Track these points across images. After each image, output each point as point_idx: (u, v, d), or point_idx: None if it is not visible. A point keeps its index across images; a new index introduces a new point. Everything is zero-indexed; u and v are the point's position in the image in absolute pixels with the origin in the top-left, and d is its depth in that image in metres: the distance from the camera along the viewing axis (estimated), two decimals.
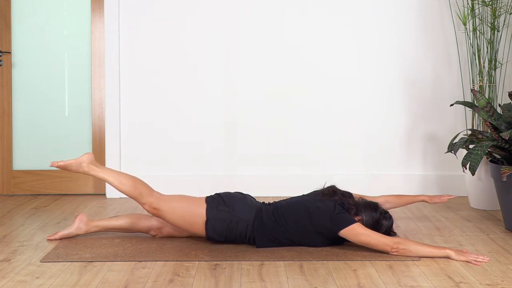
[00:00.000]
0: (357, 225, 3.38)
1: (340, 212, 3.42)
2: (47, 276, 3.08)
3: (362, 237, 3.36)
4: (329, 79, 5.03)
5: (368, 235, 3.36)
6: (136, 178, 3.61)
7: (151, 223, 3.73)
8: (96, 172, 3.57)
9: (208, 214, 3.49)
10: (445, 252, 3.33)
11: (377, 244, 3.35)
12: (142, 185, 3.56)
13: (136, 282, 2.99)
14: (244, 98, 5.03)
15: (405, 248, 3.32)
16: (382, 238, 3.36)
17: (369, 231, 3.37)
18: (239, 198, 3.59)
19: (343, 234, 3.40)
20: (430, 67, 5.03)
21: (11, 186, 5.10)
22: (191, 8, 5.00)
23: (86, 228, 3.73)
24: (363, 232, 3.36)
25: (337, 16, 5.01)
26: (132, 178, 3.58)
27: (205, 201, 3.55)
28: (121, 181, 3.55)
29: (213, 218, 3.48)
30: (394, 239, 3.38)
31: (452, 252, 3.32)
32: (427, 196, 4.02)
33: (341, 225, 3.39)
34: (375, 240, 3.35)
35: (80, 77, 5.08)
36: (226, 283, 2.99)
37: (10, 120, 5.07)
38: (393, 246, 3.33)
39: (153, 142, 5.04)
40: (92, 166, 3.58)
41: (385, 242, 3.35)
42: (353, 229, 3.37)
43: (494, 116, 4.11)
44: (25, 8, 5.05)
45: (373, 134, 5.06)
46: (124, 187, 3.55)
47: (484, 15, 4.69)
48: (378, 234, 3.38)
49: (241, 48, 5.01)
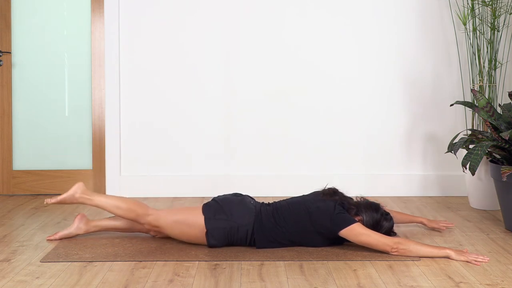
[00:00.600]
0: (357, 225, 3.38)
1: (340, 212, 3.42)
2: (47, 276, 3.08)
3: (362, 237, 3.36)
4: (329, 79, 5.03)
5: (368, 235, 3.36)
6: (130, 200, 3.59)
7: None
8: (89, 201, 3.56)
9: (207, 226, 3.46)
10: (445, 252, 3.33)
11: (377, 244, 3.35)
12: (137, 206, 3.54)
13: (136, 282, 2.99)
14: (244, 98, 5.03)
15: (405, 248, 3.33)
16: (382, 238, 3.36)
17: (369, 231, 3.37)
18: (237, 202, 3.54)
19: (343, 234, 3.40)
20: (430, 67, 5.03)
21: (11, 186, 5.10)
22: (191, 8, 5.00)
23: (86, 228, 3.73)
24: (363, 232, 3.36)
25: (337, 16, 5.01)
26: (126, 201, 3.56)
27: (202, 211, 3.50)
28: (115, 205, 3.53)
29: (212, 228, 3.46)
30: (394, 239, 3.38)
31: (452, 252, 3.32)
32: (426, 219, 3.96)
33: (341, 225, 3.39)
34: (375, 240, 3.35)
35: (80, 77, 5.09)
36: (226, 283, 2.99)
37: (10, 120, 5.07)
38: (393, 246, 3.33)
39: (153, 142, 5.03)
40: (85, 196, 3.56)
41: (385, 242, 3.35)
42: (353, 229, 3.37)
43: (494, 116, 4.11)
44: (25, 8, 5.05)
45: (373, 134, 5.06)
46: (119, 211, 3.53)
47: (484, 15, 4.69)
48: (378, 234, 3.38)
49: (241, 48, 5.01)
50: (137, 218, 3.53)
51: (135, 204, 3.55)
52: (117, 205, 3.53)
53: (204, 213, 3.49)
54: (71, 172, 5.09)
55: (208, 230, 3.46)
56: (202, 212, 3.49)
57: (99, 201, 3.56)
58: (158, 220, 3.51)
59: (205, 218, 3.47)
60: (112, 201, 3.55)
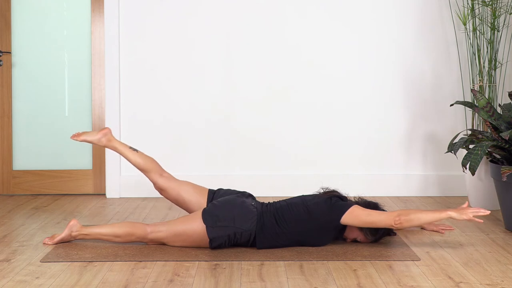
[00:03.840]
0: (355, 207, 3.40)
1: (337, 201, 3.45)
2: (47, 276, 3.08)
3: (363, 218, 3.37)
4: (329, 78, 5.03)
5: (369, 214, 3.37)
6: (125, 224, 3.56)
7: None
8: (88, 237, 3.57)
9: (209, 235, 3.43)
10: (446, 214, 3.33)
11: (379, 220, 3.35)
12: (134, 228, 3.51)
13: (136, 282, 2.99)
14: (245, 98, 5.03)
15: (407, 217, 3.33)
16: (384, 214, 3.37)
17: (369, 211, 3.38)
18: (238, 204, 3.50)
19: (345, 220, 3.40)
20: (430, 67, 5.03)
21: (11, 186, 5.10)
22: (191, 8, 5.00)
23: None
24: (363, 212, 3.38)
25: (337, 16, 5.01)
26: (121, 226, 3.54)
27: (202, 219, 3.44)
28: (113, 234, 3.51)
29: (215, 237, 3.43)
30: (395, 212, 3.38)
31: (454, 212, 3.32)
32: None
33: (341, 212, 3.40)
34: (377, 217, 3.36)
35: (80, 77, 5.09)
36: (226, 283, 2.99)
37: (10, 120, 5.07)
38: (395, 219, 3.33)
39: (153, 142, 5.03)
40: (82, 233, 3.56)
41: (387, 216, 3.36)
42: (352, 212, 3.38)
43: (494, 116, 4.10)
44: (25, 8, 5.05)
45: (373, 134, 5.06)
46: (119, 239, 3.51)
47: (484, 15, 4.69)
48: (378, 212, 3.40)
49: (241, 46, 5.01)
50: (138, 240, 3.54)
51: (132, 227, 3.52)
52: (115, 234, 3.52)
53: (205, 222, 3.43)
54: (71, 172, 5.09)
55: (211, 239, 3.45)
56: (203, 221, 3.44)
57: (96, 234, 3.55)
58: (158, 235, 3.51)
59: (206, 227, 3.43)
60: (109, 230, 3.53)
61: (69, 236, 3.58)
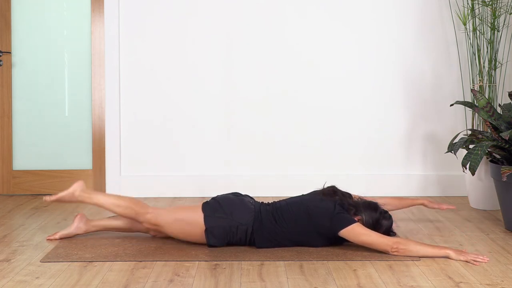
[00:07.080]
0: (356, 225, 3.38)
1: (340, 212, 3.42)
2: (47, 276, 3.08)
3: (362, 237, 3.37)
4: (329, 78, 5.03)
5: (368, 235, 3.36)
6: (129, 198, 3.61)
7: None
8: (89, 200, 3.57)
9: (206, 224, 3.46)
10: (444, 252, 3.33)
11: (377, 243, 3.35)
12: (136, 204, 3.55)
13: (136, 282, 2.99)
14: (244, 98, 5.03)
15: (405, 247, 3.33)
16: (382, 238, 3.36)
17: (369, 231, 3.37)
18: (237, 201, 3.55)
19: (342, 234, 3.40)
20: (430, 67, 5.03)
21: (11, 186, 5.10)
22: (191, 8, 5.00)
23: (86, 227, 3.73)
24: (363, 232, 3.37)
25: (337, 16, 5.00)
26: (125, 199, 3.58)
27: (201, 209, 3.52)
28: (114, 203, 3.55)
29: (211, 226, 3.46)
30: (394, 239, 3.38)
31: (452, 252, 3.32)
32: (427, 200, 4.02)
33: (341, 225, 3.39)
34: (375, 240, 3.35)
35: (80, 77, 5.09)
36: (226, 283, 2.99)
37: (10, 120, 5.07)
38: (393, 246, 3.33)
39: (153, 142, 5.03)
40: (85, 194, 3.58)
41: (385, 242, 3.35)
42: (352, 229, 3.37)
43: (494, 116, 4.11)
44: (25, 8, 5.05)
45: (373, 134, 5.06)
46: (118, 208, 3.55)
47: (484, 15, 4.69)
48: (378, 234, 3.38)
49: (241, 47, 5.01)
50: (136, 216, 3.54)
51: (135, 203, 3.56)
52: (116, 203, 3.54)
53: (204, 211, 3.49)
54: (71, 172, 5.09)
55: (208, 228, 3.46)
56: (202, 210, 3.50)
57: (98, 199, 3.57)
58: (157, 218, 3.51)
59: (204, 216, 3.47)
60: (111, 200, 3.57)
61: (71, 196, 3.57)
